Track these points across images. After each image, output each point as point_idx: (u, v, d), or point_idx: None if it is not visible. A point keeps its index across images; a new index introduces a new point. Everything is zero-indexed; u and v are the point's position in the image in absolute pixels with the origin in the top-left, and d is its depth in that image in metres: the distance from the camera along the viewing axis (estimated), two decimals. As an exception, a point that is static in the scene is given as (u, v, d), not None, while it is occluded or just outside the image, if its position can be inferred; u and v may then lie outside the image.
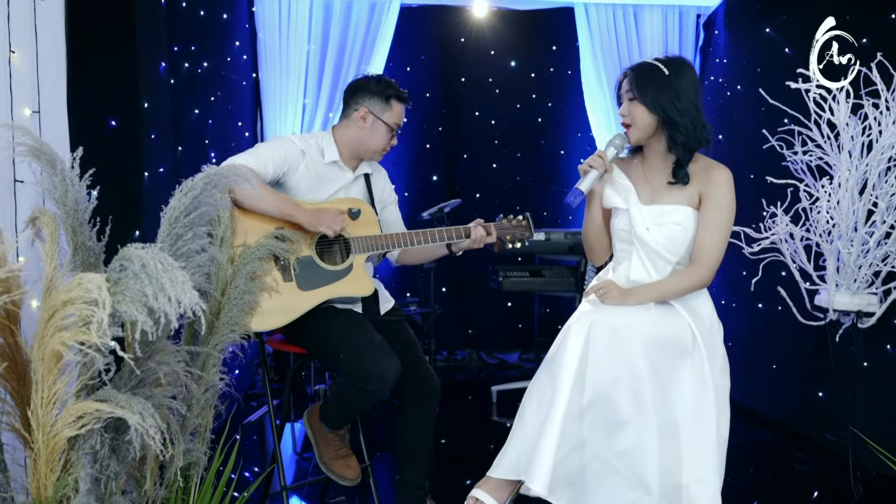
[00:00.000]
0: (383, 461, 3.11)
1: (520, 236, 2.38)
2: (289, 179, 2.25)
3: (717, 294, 4.25)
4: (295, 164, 2.24)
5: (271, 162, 2.18)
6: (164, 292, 1.17)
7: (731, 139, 4.17)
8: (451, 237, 2.29)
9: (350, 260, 2.23)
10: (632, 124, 2.04)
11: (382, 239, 2.25)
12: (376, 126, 2.28)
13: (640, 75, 2.02)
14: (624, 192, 2.10)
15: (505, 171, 4.90)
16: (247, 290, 1.88)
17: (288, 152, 2.23)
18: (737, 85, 4.06)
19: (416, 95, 4.83)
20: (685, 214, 2.02)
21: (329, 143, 2.31)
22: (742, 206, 3.70)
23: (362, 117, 2.28)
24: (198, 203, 1.50)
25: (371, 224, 2.29)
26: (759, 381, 3.74)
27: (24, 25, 1.96)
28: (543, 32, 4.80)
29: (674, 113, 1.97)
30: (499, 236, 2.36)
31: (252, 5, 4.38)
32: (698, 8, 4.64)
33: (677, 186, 2.04)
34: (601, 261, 2.24)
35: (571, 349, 1.84)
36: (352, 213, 2.25)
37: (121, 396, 1.26)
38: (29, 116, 1.99)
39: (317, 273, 2.19)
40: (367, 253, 2.24)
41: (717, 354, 2.00)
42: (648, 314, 1.94)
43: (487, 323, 4.97)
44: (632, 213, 2.07)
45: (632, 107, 2.02)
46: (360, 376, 2.06)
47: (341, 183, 2.33)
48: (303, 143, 2.27)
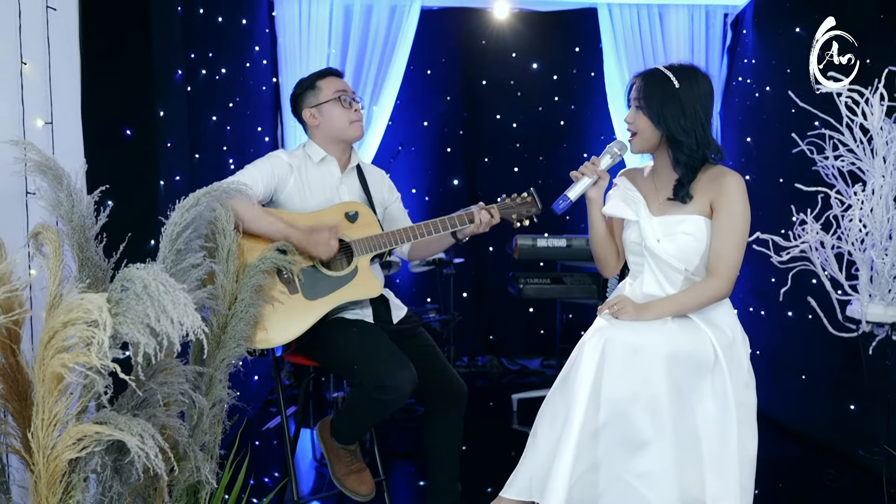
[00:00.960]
0: (400, 472, 3.07)
1: (526, 213, 2.34)
2: (280, 194, 2.27)
3: (745, 301, 4.14)
4: (284, 178, 2.26)
5: (261, 181, 2.20)
6: (167, 314, 1.14)
7: (760, 142, 4.06)
8: (453, 225, 2.26)
9: (354, 263, 2.20)
10: (637, 133, 2.00)
11: (384, 237, 2.23)
12: (323, 111, 2.31)
13: (649, 84, 1.96)
14: (634, 204, 2.04)
15: (526, 175, 4.83)
16: (252, 304, 1.86)
17: (275, 168, 2.25)
18: (765, 86, 3.95)
19: (437, 99, 4.79)
20: (696, 224, 1.96)
21: (312, 147, 2.35)
22: (770, 212, 3.62)
23: (311, 116, 2.33)
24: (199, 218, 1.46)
25: (370, 224, 2.26)
26: (787, 392, 3.63)
27: (35, 36, 1.95)
28: (566, 34, 4.72)
29: (677, 132, 1.92)
30: (503, 216, 2.32)
31: (272, 9, 4.37)
32: (726, 7, 4.53)
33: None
34: (612, 272, 2.18)
35: (585, 367, 1.78)
36: (349, 216, 2.23)
37: (120, 418, 1.23)
38: (41, 127, 1.98)
39: (322, 281, 2.16)
40: (370, 254, 2.21)
41: (740, 368, 1.92)
42: (666, 329, 1.87)
43: (509, 329, 4.91)
44: (642, 224, 2.01)
45: (637, 116, 1.98)
46: (375, 386, 2.03)
47: (333, 181, 2.32)
48: (290, 157, 2.30)
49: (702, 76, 1.98)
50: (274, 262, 1.98)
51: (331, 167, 2.34)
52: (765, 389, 3.85)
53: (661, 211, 2.01)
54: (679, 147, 1.93)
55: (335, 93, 2.31)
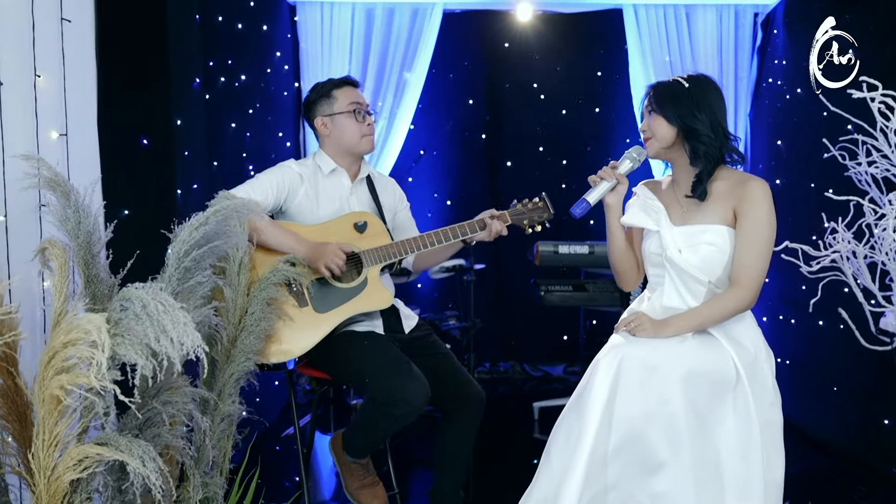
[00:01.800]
0: (416, 483, 3.04)
1: (538, 219, 2.30)
2: (290, 204, 2.26)
3: (775, 308, 4.02)
4: (294, 188, 2.24)
5: (271, 190, 2.19)
6: (166, 334, 1.12)
7: (791, 146, 3.94)
8: (463, 233, 2.23)
9: (364, 274, 2.17)
10: (651, 137, 1.96)
11: (393, 247, 2.20)
12: (336, 121, 2.29)
13: (660, 90, 1.96)
14: (654, 214, 1.98)
15: (549, 179, 4.74)
16: (263, 317, 1.83)
17: (286, 178, 2.23)
18: (796, 88, 3.83)
19: (459, 102, 4.75)
20: (720, 234, 1.89)
21: (322, 157, 2.33)
22: (800, 219, 3.51)
23: (323, 125, 2.31)
24: (209, 237, 1.45)
25: (379, 234, 2.23)
26: (816, 403, 3.52)
27: (50, 48, 1.95)
28: (590, 35, 4.64)
29: (692, 121, 1.88)
30: (514, 223, 2.28)
31: (295, 15, 4.37)
32: (756, 6, 4.41)
33: (709, 204, 1.92)
34: (631, 286, 2.12)
35: (599, 386, 1.73)
36: (358, 226, 2.21)
37: (121, 440, 1.22)
38: (56, 139, 1.98)
39: (332, 293, 2.14)
40: (380, 264, 2.18)
41: (764, 386, 1.84)
42: (685, 346, 1.81)
43: (531, 334, 4.84)
44: (663, 234, 1.94)
45: (651, 120, 1.95)
46: (387, 401, 2.00)
47: (343, 192, 2.31)
48: (300, 167, 2.29)
49: (712, 83, 1.96)
50: (285, 274, 1.96)
51: (341, 178, 2.33)
52: (793, 399, 3.76)
53: (682, 220, 1.95)
54: (696, 137, 1.89)
55: (350, 105, 2.29)
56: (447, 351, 2.30)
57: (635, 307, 2.07)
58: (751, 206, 1.86)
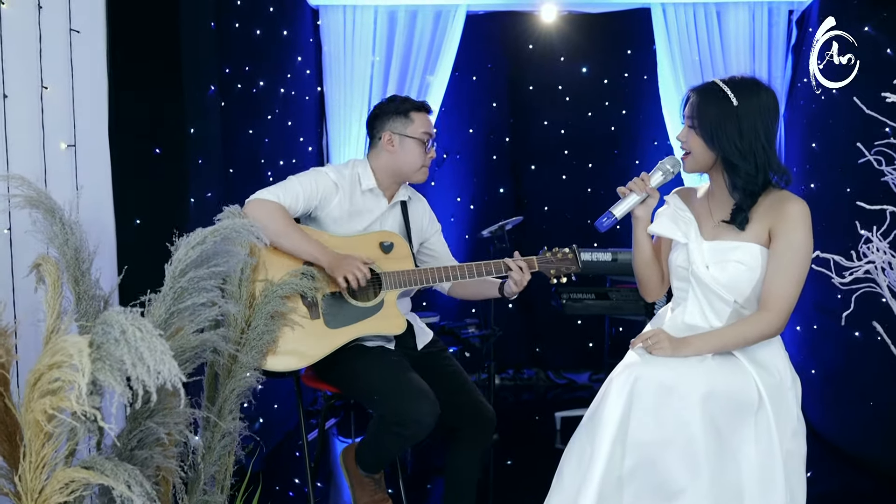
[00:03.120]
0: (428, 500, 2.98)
1: (565, 270, 2.24)
2: (321, 213, 2.20)
3: (809, 317, 3.87)
4: (328, 197, 2.18)
5: (302, 196, 2.13)
6: (143, 362, 1.09)
7: (826, 149, 3.79)
8: (489, 271, 2.17)
9: (381, 296, 2.12)
10: (690, 152, 1.84)
11: (415, 274, 2.14)
12: (405, 143, 2.22)
13: (704, 101, 1.78)
14: (684, 225, 1.88)
15: (575, 183, 4.67)
16: (266, 331, 1.80)
17: (320, 186, 2.17)
18: (832, 89, 3.68)
19: (483, 105, 4.68)
20: (751, 252, 1.79)
21: (366, 171, 2.25)
22: (833, 227, 3.36)
23: (389, 140, 2.23)
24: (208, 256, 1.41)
25: (404, 258, 2.18)
26: (850, 418, 3.37)
27: (58, 59, 1.95)
28: (617, 36, 4.53)
29: (733, 155, 1.74)
30: (541, 270, 2.23)
31: (317, 19, 4.36)
32: (790, 3, 4.26)
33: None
34: (654, 297, 2.03)
35: (611, 408, 1.65)
36: (384, 246, 2.15)
37: (106, 464, 1.19)
38: (64, 150, 1.98)
39: (345, 310, 2.09)
40: (399, 289, 2.12)
41: (788, 415, 1.74)
42: (705, 367, 1.72)
43: (555, 341, 4.75)
44: (690, 248, 1.84)
45: (690, 134, 1.82)
46: (395, 420, 1.95)
47: (376, 213, 2.25)
48: (337, 176, 2.21)
49: (764, 90, 1.78)
50: (294, 287, 1.92)
51: (378, 198, 2.26)
52: (827, 413, 3.62)
53: (713, 235, 1.85)
54: (735, 171, 1.76)
55: (423, 133, 2.24)
56: (459, 368, 2.25)
57: (658, 321, 1.99)
58: (787, 228, 1.74)
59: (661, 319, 1.97)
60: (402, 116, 2.23)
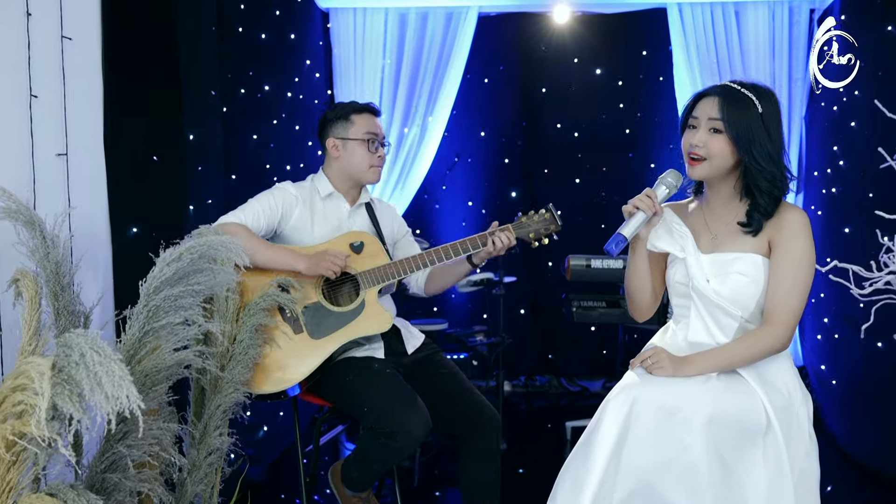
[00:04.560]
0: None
1: (545, 231, 2.17)
2: (285, 226, 2.20)
3: (829, 326, 3.75)
4: (289, 209, 2.20)
5: (262, 214, 2.15)
6: (102, 387, 1.04)
7: (847, 152, 3.67)
8: (465, 249, 2.12)
9: (361, 297, 2.08)
10: (706, 158, 1.72)
11: (391, 268, 2.11)
12: (348, 146, 2.23)
13: (732, 103, 1.69)
14: (680, 239, 1.79)
15: (589, 186, 4.58)
16: (252, 345, 1.76)
17: (278, 200, 2.19)
18: (854, 90, 3.55)
19: (494, 107, 4.61)
20: (752, 263, 1.71)
21: (321, 180, 2.28)
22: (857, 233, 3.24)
23: (333, 146, 2.25)
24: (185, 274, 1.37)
25: (377, 255, 2.14)
26: (873, 431, 3.24)
27: (49, 67, 1.93)
28: (632, 37, 4.43)
29: (763, 158, 1.67)
30: (520, 237, 2.15)
31: (327, 21, 4.32)
32: (812, 2, 4.13)
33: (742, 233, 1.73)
34: (644, 317, 1.92)
35: (605, 432, 1.58)
36: (354, 246, 2.13)
37: (69, 492, 1.15)
38: (55, 159, 1.95)
39: (327, 318, 2.06)
40: (378, 286, 2.09)
41: (799, 435, 1.66)
42: (708, 387, 1.63)
43: (569, 347, 4.67)
44: (689, 262, 1.76)
45: (712, 138, 1.70)
46: (385, 432, 1.90)
47: (340, 215, 2.25)
48: (297, 189, 2.24)
49: (776, 98, 1.75)
50: (275, 299, 1.88)
51: (338, 202, 2.27)
52: (848, 425, 3.49)
53: (711, 248, 1.77)
54: (761, 174, 1.69)
55: (366, 134, 2.24)
56: (455, 370, 2.19)
57: (657, 340, 1.91)
58: (787, 237, 1.68)
59: (661, 338, 1.89)
60: (343, 120, 2.24)
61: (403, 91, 4.35)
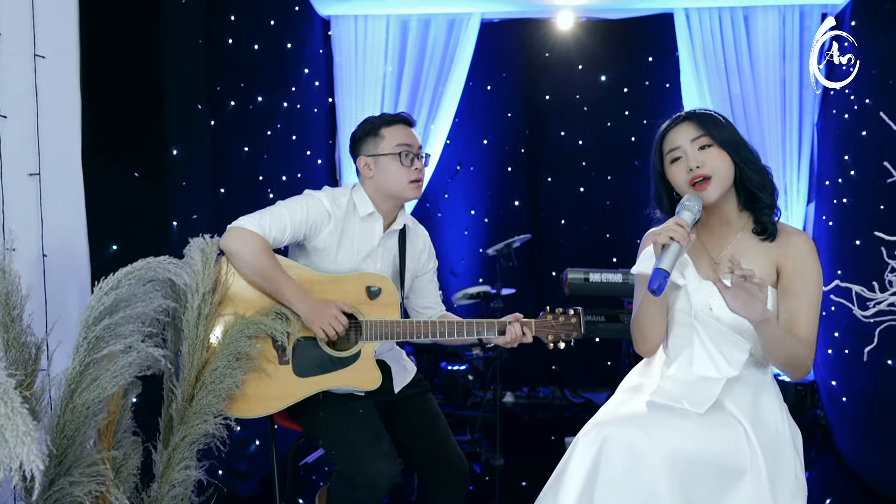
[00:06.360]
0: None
1: (565, 336, 2.02)
2: (312, 241, 2.02)
3: (839, 341, 3.63)
4: (318, 226, 2.00)
5: (290, 225, 1.95)
6: (6, 442, 0.99)
7: (859, 162, 3.55)
8: (479, 332, 1.98)
9: (359, 346, 1.95)
10: (712, 175, 1.62)
11: (399, 326, 1.95)
12: (381, 163, 2.05)
13: (704, 119, 1.66)
14: (679, 265, 1.69)
15: (594, 195, 4.49)
16: (228, 374, 1.70)
17: (311, 213, 1.99)
18: (865, 98, 3.44)
19: (498, 115, 4.55)
20: None
21: (362, 197, 2.08)
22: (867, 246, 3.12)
23: (366, 165, 2.07)
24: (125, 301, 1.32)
25: (390, 306, 1.98)
26: (887, 454, 3.13)
27: (20, 86, 1.90)
28: (637, 43, 4.35)
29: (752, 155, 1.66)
30: (538, 335, 2.01)
31: (328, 29, 4.29)
32: (824, 6, 4.01)
33: (748, 257, 1.64)
34: (653, 352, 1.80)
35: (573, 472, 1.50)
36: (371, 291, 1.97)
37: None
38: (26, 179, 1.93)
39: (318, 357, 1.93)
40: (378, 342, 1.96)
41: (785, 473, 1.56)
42: (685, 425, 1.54)
43: (572, 359, 4.56)
44: (690, 290, 1.67)
45: (707, 155, 1.63)
46: (350, 482, 1.83)
47: (371, 241, 2.08)
48: (331, 203, 2.03)
49: None
50: (262, 327, 1.80)
51: (374, 225, 2.09)
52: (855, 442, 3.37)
53: (713, 274, 1.65)
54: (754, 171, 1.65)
55: (397, 146, 2.05)
56: (437, 413, 2.11)
57: (641, 368, 1.83)
58: (799, 260, 1.63)
59: (645, 368, 1.80)
60: (372, 136, 2.07)
61: (405, 98, 4.30)
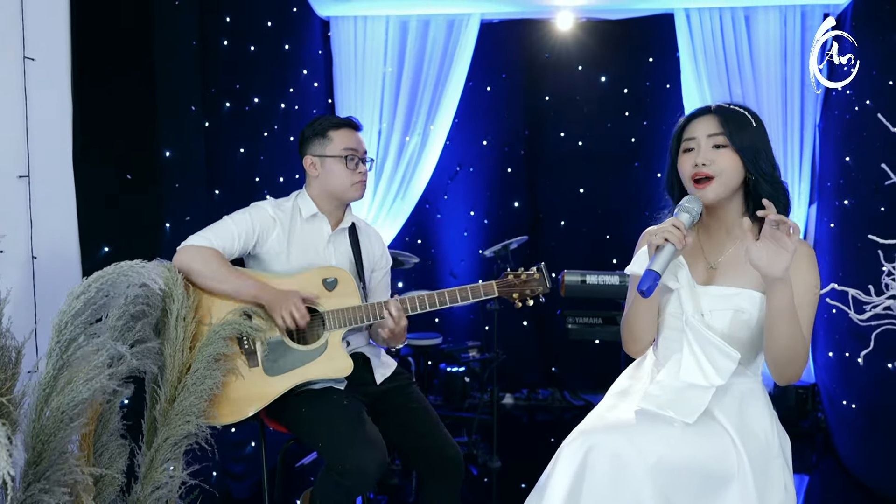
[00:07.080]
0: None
1: (531, 292, 2.01)
2: (260, 249, 2.09)
3: (841, 343, 3.60)
4: (265, 232, 2.08)
5: (237, 235, 2.03)
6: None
7: (860, 163, 3.51)
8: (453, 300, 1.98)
9: (324, 337, 1.98)
10: (716, 176, 1.58)
11: (361, 311, 1.99)
12: (326, 164, 2.13)
13: (731, 117, 1.59)
14: (674, 268, 1.65)
15: (594, 196, 4.47)
16: (208, 375, 1.70)
17: (256, 222, 2.07)
18: (865, 99, 3.40)
19: (497, 116, 4.53)
20: (752, 301, 1.58)
21: (305, 200, 2.17)
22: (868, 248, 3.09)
23: (311, 165, 2.15)
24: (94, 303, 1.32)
25: (350, 295, 2.02)
26: (882, 454, 3.10)
27: (9, 89, 1.90)
28: (637, 43, 4.32)
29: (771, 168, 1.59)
30: (502, 295, 2.02)
31: (328, 30, 4.29)
32: (826, 6, 3.98)
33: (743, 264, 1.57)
34: (641, 353, 1.78)
35: (557, 481, 1.48)
36: (327, 283, 2.01)
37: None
38: (15, 181, 1.93)
39: (286, 355, 1.96)
40: (344, 328, 1.98)
41: (774, 484, 1.53)
42: (671, 433, 1.52)
43: (572, 361, 4.56)
44: (682, 294, 1.63)
45: (719, 154, 1.58)
46: (337, 469, 1.83)
47: (320, 240, 2.14)
48: (275, 210, 2.12)
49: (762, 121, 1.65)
50: (236, 327, 1.82)
51: (321, 224, 2.15)
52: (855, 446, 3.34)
53: (707, 279, 1.65)
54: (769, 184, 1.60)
55: (344, 150, 2.12)
56: (426, 405, 2.11)
57: (632, 370, 1.81)
58: (798, 269, 1.55)
59: (636, 370, 1.78)
60: (321, 137, 2.13)
61: (405, 99, 4.29)
